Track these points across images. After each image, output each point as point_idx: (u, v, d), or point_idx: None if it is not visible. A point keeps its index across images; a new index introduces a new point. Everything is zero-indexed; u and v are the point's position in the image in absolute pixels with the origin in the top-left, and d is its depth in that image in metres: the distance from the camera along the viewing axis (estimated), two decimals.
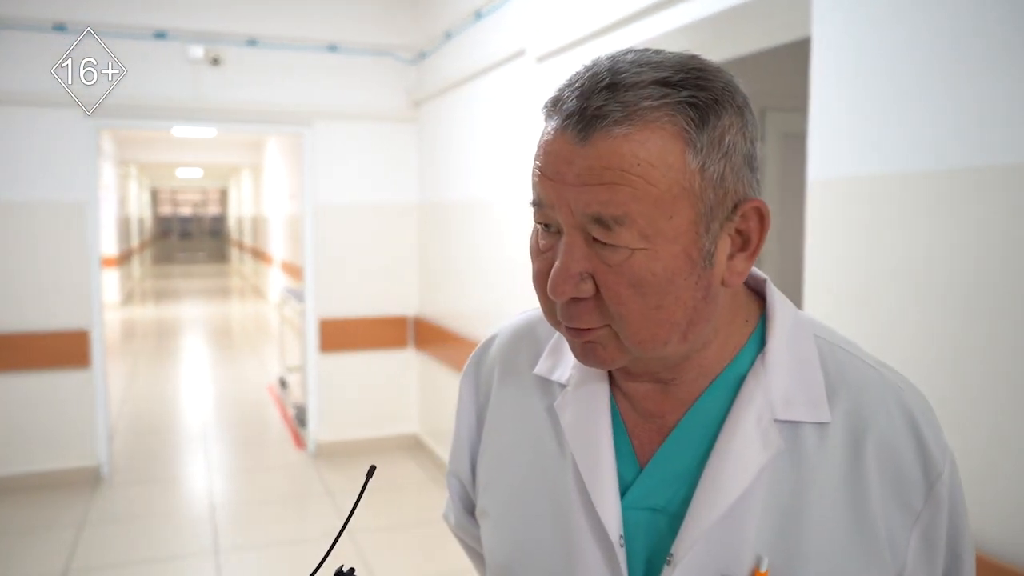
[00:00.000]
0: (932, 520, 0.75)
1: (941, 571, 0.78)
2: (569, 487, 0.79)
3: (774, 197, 3.98)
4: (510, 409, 0.88)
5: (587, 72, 0.70)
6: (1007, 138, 1.49)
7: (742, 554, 0.72)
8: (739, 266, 0.73)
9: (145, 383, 7.47)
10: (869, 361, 0.79)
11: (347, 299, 5.10)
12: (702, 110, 0.67)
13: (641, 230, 0.67)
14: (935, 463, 0.75)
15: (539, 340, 0.89)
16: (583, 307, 0.71)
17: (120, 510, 4.26)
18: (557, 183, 0.69)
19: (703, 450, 0.76)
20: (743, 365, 0.78)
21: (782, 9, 2.16)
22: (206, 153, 14.60)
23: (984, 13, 1.53)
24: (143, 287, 17.63)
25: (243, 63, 4.72)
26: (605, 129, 0.66)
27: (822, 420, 0.74)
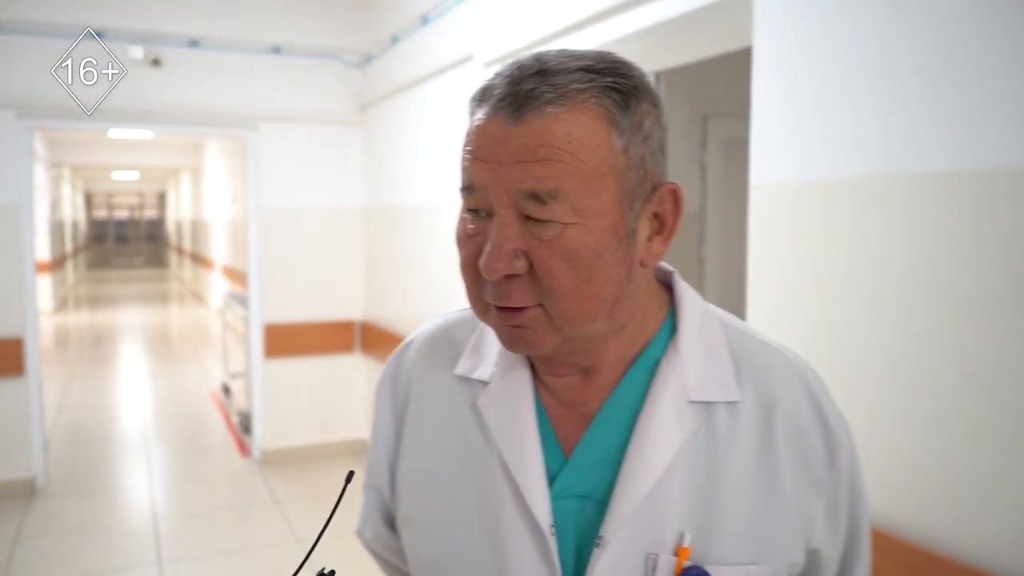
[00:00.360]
0: (835, 490, 0.82)
1: (843, 537, 0.84)
2: (497, 482, 0.81)
3: (716, 201, 4.07)
4: (431, 412, 0.88)
5: (514, 65, 0.74)
6: (943, 144, 1.56)
7: (666, 531, 0.76)
8: (656, 248, 0.78)
9: (81, 392, 7.25)
10: (771, 344, 0.85)
11: (293, 304, 5.04)
12: (624, 95, 0.72)
13: (573, 205, 0.70)
14: (836, 436, 0.82)
15: (458, 341, 0.91)
16: (516, 284, 0.73)
17: (57, 523, 4.14)
18: (491, 164, 0.72)
19: (624, 435, 0.79)
20: (657, 351, 0.82)
21: (725, 19, 2.22)
22: (143, 155, 14.24)
23: (921, 22, 1.60)
24: (78, 293, 17.11)
25: (185, 64, 4.63)
26: (538, 109, 0.70)
27: (733, 399, 0.79)
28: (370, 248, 5.11)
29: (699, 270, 4.06)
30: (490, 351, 0.87)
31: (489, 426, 0.83)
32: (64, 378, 7.77)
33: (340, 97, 5.02)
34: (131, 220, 28.64)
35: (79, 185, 20.72)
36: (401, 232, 4.55)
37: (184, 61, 4.63)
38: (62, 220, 15.71)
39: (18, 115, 4.28)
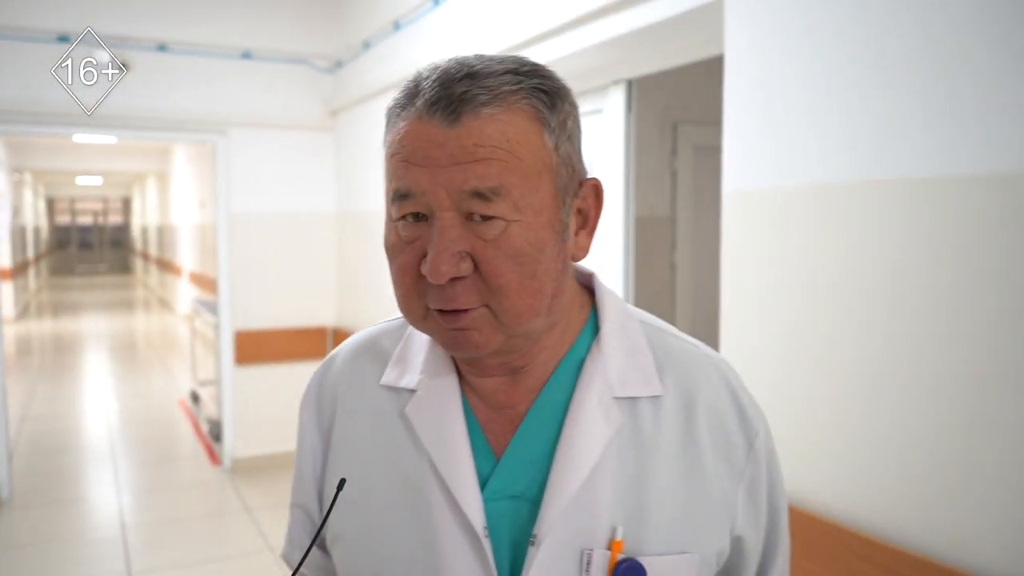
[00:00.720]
0: (754, 476, 0.85)
1: (764, 523, 0.88)
2: (429, 488, 0.81)
3: (687, 208, 4.11)
4: (359, 424, 0.88)
5: (436, 70, 0.75)
6: (910, 151, 1.60)
7: (599, 526, 0.78)
8: (583, 242, 0.81)
9: (45, 401, 7.12)
10: (688, 340, 0.89)
11: (263, 310, 5.00)
12: (551, 95, 0.76)
13: (515, 202, 0.72)
14: (753, 424, 0.85)
15: (383, 352, 0.91)
16: (461, 287, 0.73)
17: (23, 535, 4.06)
18: (429, 168, 0.72)
19: (553, 434, 0.81)
20: (581, 350, 0.85)
21: (697, 28, 2.26)
22: (108, 160, 14.04)
23: (890, 30, 1.64)
24: (40, 300, 16.79)
25: (153, 69, 4.58)
26: (474, 110, 0.71)
27: (655, 394, 0.82)
28: (342, 254, 5.09)
29: (671, 276, 4.10)
30: (415, 359, 0.87)
31: (418, 433, 0.83)
32: (27, 387, 7.63)
33: (310, 102, 5.00)
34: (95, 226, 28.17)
35: (41, 191, 20.35)
36: (373, 238, 4.54)
37: (153, 66, 4.58)
38: (23, 226, 15.42)
39: None
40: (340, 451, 0.89)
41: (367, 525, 0.84)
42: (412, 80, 0.76)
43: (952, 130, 1.51)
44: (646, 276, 3.91)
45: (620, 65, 2.74)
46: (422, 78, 0.75)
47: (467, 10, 3.36)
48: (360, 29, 4.55)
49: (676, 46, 2.47)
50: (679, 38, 2.39)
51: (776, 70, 1.90)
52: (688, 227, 4.12)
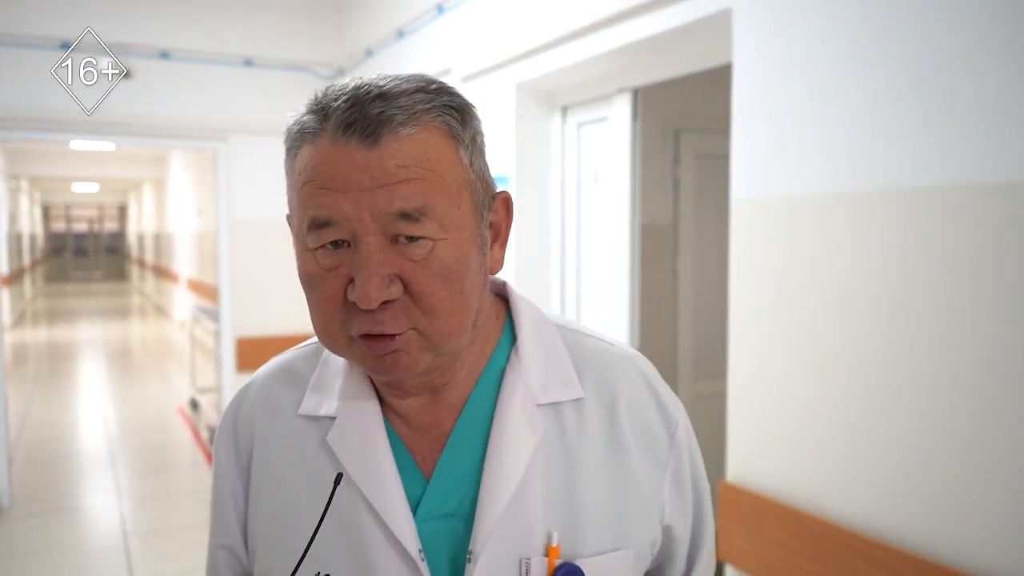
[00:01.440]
0: (677, 466, 0.87)
1: (691, 511, 0.90)
2: (360, 515, 0.79)
3: (690, 215, 4.13)
4: (279, 456, 0.85)
5: (342, 92, 0.72)
6: (917, 161, 1.61)
7: (534, 534, 0.78)
8: (496, 254, 0.81)
9: (43, 409, 7.09)
10: (604, 339, 0.90)
11: (264, 317, 5.00)
12: (461, 112, 0.76)
13: (440, 220, 0.72)
14: (672, 416, 0.87)
15: (299, 379, 0.88)
16: (391, 310, 0.72)
17: (25, 543, 4.04)
18: (351, 192, 0.70)
19: (480, 448, 0.81)
20: (501, 360, 0.84)
21: (704, 37, 2.27)
22: (105, 167, 14.03)
23: (898, 41, 1.65)
24: (35, 307, 16.74)
25: (156, 76, 4.58)
26: (392, 131, 0.70)
27: (577, 396, 0.83)
28: None
29: (673, 283, 4.11)
30: (332, 384, 0.85)
31: (342, 461, 0.80)
32: (25, 395, 7.60)
33: None
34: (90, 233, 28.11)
35: (37, 197, 20.31)
36: None
37: (155, 72, 4.58)
38: (20, 233, 15.38)
39: None
40: (262, 487, 0.85)
41: (298, 558, 0.79)
42: (314, 102, 0.74)
43: (957, 140, 1.53)
44: (648, 283, 3.92)
45: (626, 73, 2.75)
46: (328, 99, 0.72)
47: (471, 19, 3.38)
48: (363, 37, 4.56)
49: (683, 55, 2.48)
50: (687, 47, 2.41)
51: (784, 79, 1.91)
52: (690, 235, 4.13)
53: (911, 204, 1.62)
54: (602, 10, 2.49)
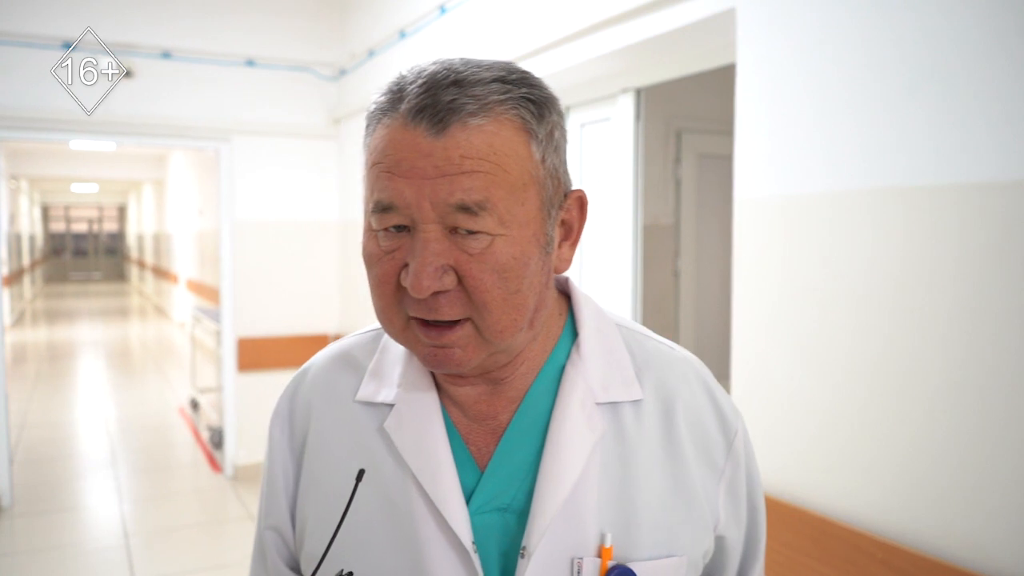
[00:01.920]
0: (734, 474, 0.85)
1: (745, 521, 0.88)
2: (414, 504, 0.78)
3: (691, 216, 4.14)
4: (335, 441, 0.85)
5: (421, 74, 0.72)
6: (925, 159, 1.62)
7: (587, 534, 0.77)
8: (566, 254, 0.80)
9: (43, 409, 7.09)
10: (663, 342, 0.89)
11: (266, 317, 5.00)
12: (539, 106, 0.74)
13: (500, 216, 0.70)
14: (731, 423, 0.86)
15: (357, 366, 0.88)
16: (445, 299, 0.72)
17: (24, 543, 4.04)
18: (414, 179, 0.70)
19: (537, 444, 0.80)
20: (561, 357, 0.83)
21: (708, 37, 2.28)
22: (104, 167, 14.03)
23: (901, 38, 1.66)
24: (35, 308, 16.74)
25: (157, 76, 4.59)
26: (461, 121, 0.69)
27: (636, 398, 0.82)
28: (344, 261, 5.10)
29: (674, 283, 4.12)
30: (391, 372, 0.85)
31: (399, 448, 0.80)
32: (25, 395, 7.59)
33: (314, 110, 5.02)
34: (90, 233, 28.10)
35: (36, 198, 20.31)
36: None
37: (157, 73, 4.59)
38: (19, 234, 15.38)
39: None
40: (315, 471, 0.85)
41: (349, 543, 0.80)
42: (395, 83, 0.74)
43: (962, 138, 1.54)
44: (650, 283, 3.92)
45: (629, 74, 2.76)
46: (406, 82, 0.72)
47: (474, 19, 3.38)
48: (365, 37, 4.57)
49: (687, 55, 2.49)
50: (690, 47, 2.41)
51: (787, 78, 1.92)
52: (691, 235, 4.14)
53: (917, 203, 1.63)
54: (605, 10, 2.50)
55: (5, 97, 4.21)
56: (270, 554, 0.90)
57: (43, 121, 4.35)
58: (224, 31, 4.72)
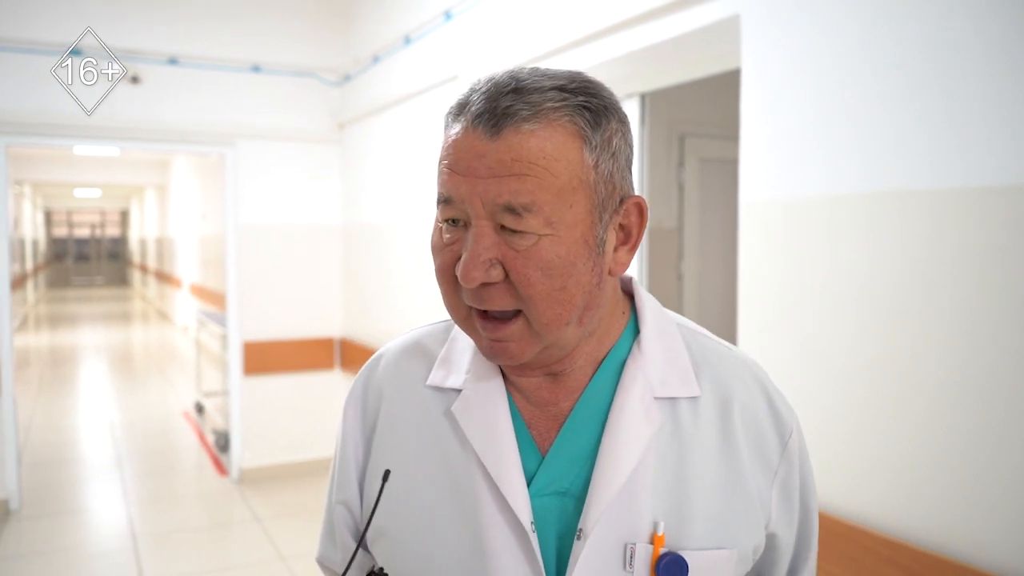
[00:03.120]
0: (787, 475, 0.88)
1: (797, 521, 0.91)
2: (476, 484, 0.83)
3: (694, 219, 4.16)
4: (404, 423, 0.90)
5: (489, 81, 0.77)
6: (928, 163, 1.64)
7: (641, 521, 0.81)
8: (623, 257, 0.83)
9: (48, 413, 7.11)
10: (722, 342, 0.92)
11: (271, 321, 5.03)
12: (595, 113, 0.77)
13: (547, 217, 0.75)
14: (786, 423, 0.89)
15: (429, 353, 0.93)
16: (494, 290, 0.77)
17: (33, 545, 4.06)
18: (469, 177, 0.75)
19: (596, 432, 0.84)
20: (622, 352, 0.87)
21: (713, 43, 2.31)
22: (107, 172, 14.04)
23: (902, 45, 1.69)
24: (38, 312, 16.76)
25: (163, 82, 4.62)
26: (515, 125, 0.74)
27: (693, 394, 0.85)
28: (348, 265, 5.13)
29: (678, 286, 4.15)
30: (460, 360, 0.90)
31: (464, 430, 0.85)
32: (29, 399, 7.61)
33: (318, 115, 5.05)
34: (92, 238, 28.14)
35: (39, 203, 20.35)
36: (378, 249, 4.57)
37: (163, 78, 4.62)
38: (22, 238, 15.41)
39: None
40: (383, 449, 0.91)
41: (413, 521, 0.85)
42: (468, 89, 0.79)
43: (966, 142, 1.56)
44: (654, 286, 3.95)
45: (634, 79, 2.78)
46: (475, 89, 0.78)
47: (479, 25, 3.41)
48: (370, 43, 4.60)
49: (691, 60, 2.51)
50: (695, 53, 2.44)
51: (792, 83, 1.95)
52: (695, 238, 4.17)
53: (921, 206, 1.65)
54: (611, 16, 2.53)
55: (10, 102, 4.25)
56: (339, 528, 0.96)
57: (48, 126, 4.39)
58: (230, 37, 4.76)
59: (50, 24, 4.31)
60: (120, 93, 4.52)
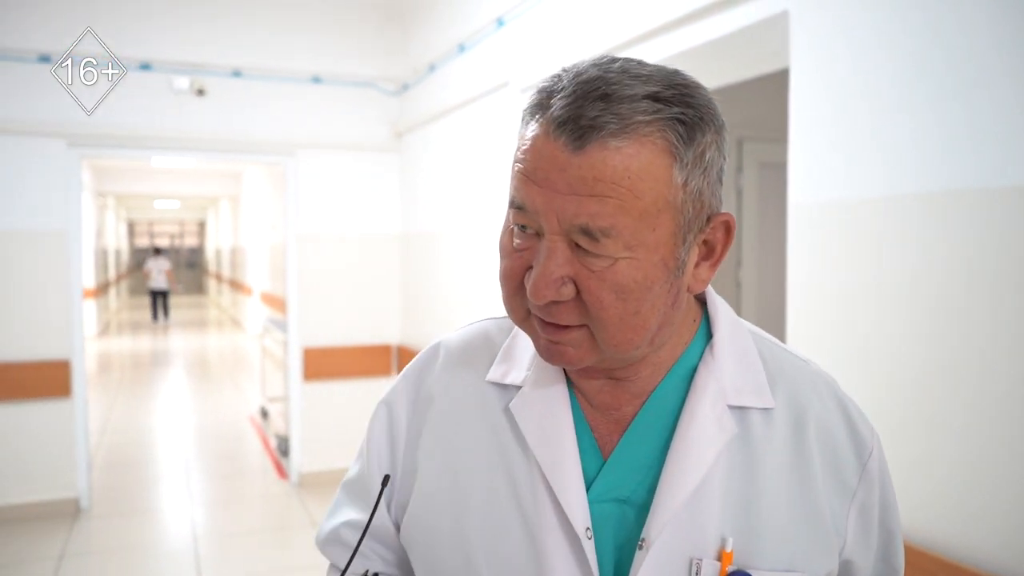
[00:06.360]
0: (866, 497, 0.82)
1: (876, 547, 0.84)
2: (535, 486, 0.79)
3: (753, 224, 4.06)
4: (461, 415, 0.86)
5: (576, 79, 0.70)
6: (982, 162, 1.56)
7: (708, 535, 0.76)
8: (703, 274, 0.77)
9: (123, 415, 7.38)
10: (799, 355, 0.86)
11: (330, 328, 5.11)
12: (690, 127, 0.70)
13: (626, 241, 0.69)
14: (865, 443, 0.82)
15: (491, 347, 0.89)
16: (563, 308, 0.72)
17: (100, 542, 4.20)
18: (546, 189, 0.69)
19: (662, 439, 0.79)
20: (692, 358, 0.82)
21: (761, 41, 2.24)
22: (184, 184, 14.58)
23: (961, 38, 1.60)
24: (120, 319, 17.45)
25: (228, 94, 4.75)
26: (601, 140, 0.67)
27: (767, 406, 0.80)
28: (406, 273, 5.17)
29: (736, 294, 4.05)
30: (522, 355, 0.86)
31: (523, 430, 0.81)
32: (107, 402, 7.92)
33: (377, 124, 5.12)
34: (172, 248, 29.18)
35: (123, 214, 21.22)
36: (436, 257, 4.60)
37: (227, 91, 4.75)
38: (105, 248, 16.08)
39: (68, 144, 4.42)
40: (436, 441, 0.86)
41: (465, 518, 0.82)
42: (549, 82, 0.72)
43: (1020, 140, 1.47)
44: None
45: None
46: (557, 88, 0.71)
47: (530, 30, 3.40)
48: (426, 52, 4.64)
49: (741, 60, 2.45)
50: (744, 52, 2.38)
51: (842, 81, 1.87)
52: (754, 245, 4.06)
53: (975, 206, 1.56)
54: (658, 17, 2.48)
55: (83, 115, 4.42)
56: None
57: (117, 138, 4.56)
58: (291, 49, 4.86)
59: (119, 40, 4.47)
60: (187, 105, 4.67)
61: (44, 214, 4.39)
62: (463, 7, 4.10)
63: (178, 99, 4.65)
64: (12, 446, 4.40)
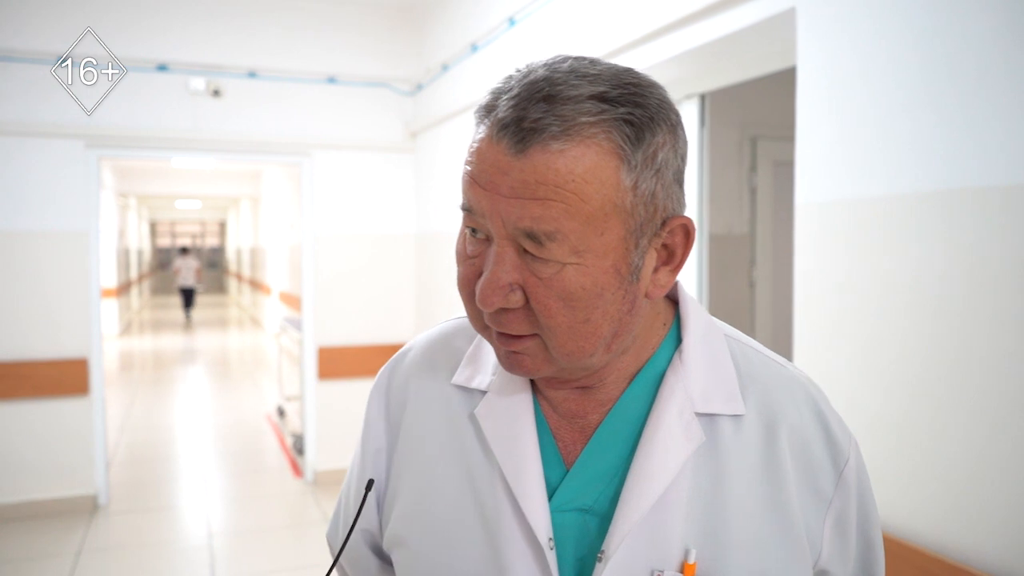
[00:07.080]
0: (844, 505, 0.79)
1: (854, 557, 0.81)
2: (497, 494, 0.78)
3: (767, 224, 4.03)
4: (429, 420, 0.85)
5: (523, 79, 0.69)
6: (990, 161, 1.54)
7: (671, 547, 0.73)
8: (662, 279, 0.74)
9: (143, 412, 7.46)
10: (775, 358, 0.83)
11: (345, 327, 5.13)
12: (638, 127, 0.67)
13: (572, 246, 0.67)
14: (842, 450, 0.79)
15: (456, 350, 0.88)
16: (512, 316, 0.71)
17: (117, 539, 4.25)
18: (490, 193, 0.68)
19: (626, 448, 0.77)
20: (660, 364, 0.80)
21: (769, 39, 2.23)
22: (205, 184, 14.70)
23: (967, 38, 1.58)
24: (141, 318, 17.64)
25: (243, 95, 4.79)
26: (542, 143, 0.65)
27: (737, 412, 0.77)
28: (420, 273, 5.19)
29: (750, 293, 4.02)
30: (488, 359, 0.85)
31: (487, 436, 0.80)
32: (127, 399, 8.01)
33: (391, 124, 5.14)
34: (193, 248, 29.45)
35: (144, 214, 21.44)
36: (450, 257, 4.60)
37: (243, 92, 4.79)
38: (128, 248, 16.26)
39: (87, 145, 4.48)
40: (407, 450, 0.86)
41: (432, 530, 0.81)
42: (497, 86, 0.71)
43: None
44: (724, 294, 3.84)
45: (692, 79, 2.72)
46: (503, 91, 0.70)
47: (540, 29, 3.40)
48: (439, 52, 4.65)
49: (748, 58, 2.43)
50: (751, 50, 2.36)
51: (849, 80, 1.85)
52: (768, 244, 4.03)
53: (982, 205, 1.54)
54: (666, 15, 2.47)
55: (107, 117, 4.47)
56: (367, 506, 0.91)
57: (135, 139, 4.61)
58: (306, 50, 4.89)
59: (136, 42, 4.53)
60: (203, 106, 4.71)
61: (62, 215, 4.45)
62: (475, 7, 4.11)
63: (194, 100, 4.69)
64: (31, 443, 4.46)
